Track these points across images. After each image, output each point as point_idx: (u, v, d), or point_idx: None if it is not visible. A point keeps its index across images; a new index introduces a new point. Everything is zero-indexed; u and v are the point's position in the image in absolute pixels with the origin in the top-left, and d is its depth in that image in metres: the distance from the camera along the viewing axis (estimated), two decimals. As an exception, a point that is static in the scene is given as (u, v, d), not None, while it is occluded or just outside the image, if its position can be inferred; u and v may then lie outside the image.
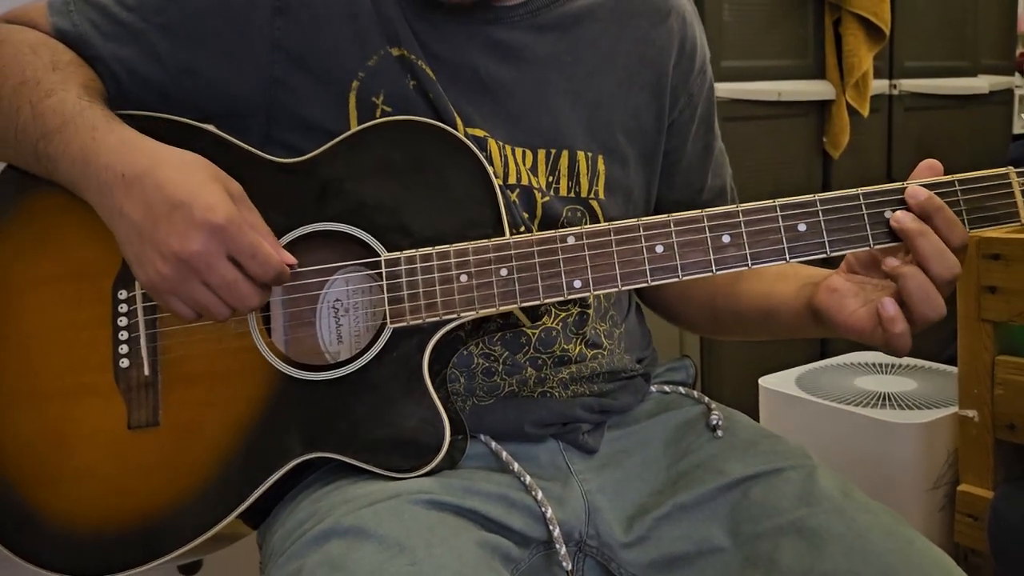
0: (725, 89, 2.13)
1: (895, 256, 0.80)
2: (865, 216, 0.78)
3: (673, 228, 0.79)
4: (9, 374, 0.89)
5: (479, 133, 0.90)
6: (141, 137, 0.82)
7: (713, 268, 0.79)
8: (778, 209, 0.79)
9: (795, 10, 2.35)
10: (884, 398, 1.79)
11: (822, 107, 2.42)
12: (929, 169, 0.79)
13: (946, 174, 0.79)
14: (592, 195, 0.94)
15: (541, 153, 0.92)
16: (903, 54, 2.63)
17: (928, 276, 0.77)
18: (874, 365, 1.99)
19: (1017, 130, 3.30)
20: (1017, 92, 3.31)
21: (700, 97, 1.03)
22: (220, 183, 0.80)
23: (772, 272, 0.96)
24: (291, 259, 0.82)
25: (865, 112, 2.42)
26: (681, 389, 1.05)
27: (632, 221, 0.80)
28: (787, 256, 0.79)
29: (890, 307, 0.78)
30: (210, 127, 0.91)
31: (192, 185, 0.78)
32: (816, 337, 0.92)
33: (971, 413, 1.53)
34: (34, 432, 0.88)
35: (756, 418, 1.83)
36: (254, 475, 0.84)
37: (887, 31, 2.37)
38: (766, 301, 0.94)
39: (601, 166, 0.95)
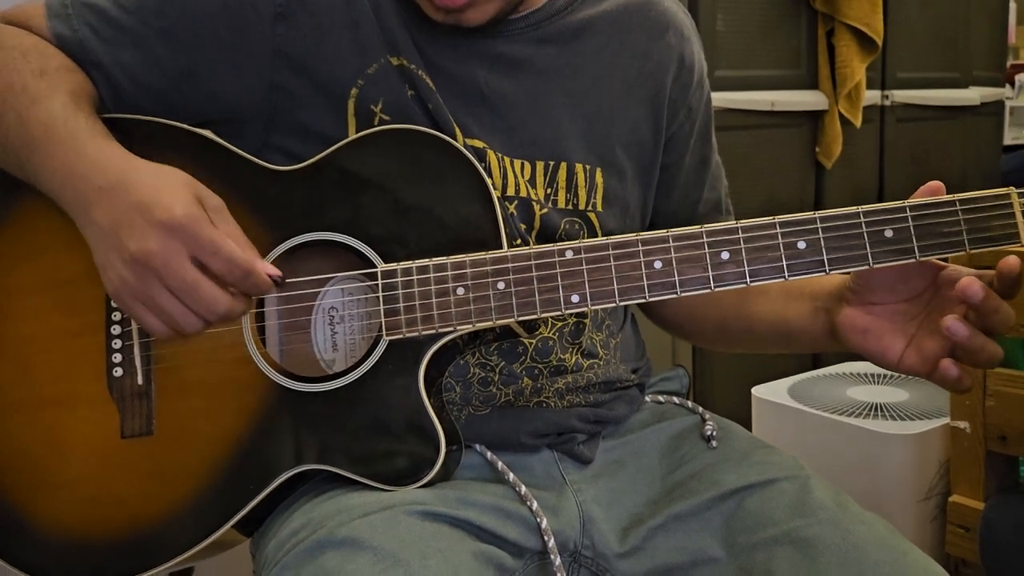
0: (718, 99, 2.12)
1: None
2: (865, 235, 0.77)
3: (672, 244, 0.79)
4: (2, 381, 0.88)
5: (478, 144, 0.90)
6: (121, 151, 0.82)
7: (712, 285, 0.79)
8: (778, 226, 0.78)
9: (788, 21, 2.36)
10: (876, 408, 1.79)
11: (815, 117, 2.43)
12: (930, 192, 0.78)
13: (937, 184, 0.79)
14: (590, 208, 0.94)
15: (540, 165, 0.92)
16: (895, 65, 2.64)
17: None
18: (866, 375, 2.00)
19: (1007, 141, 3.31)
20: (1008, 104, 3.33)
21: (698, 111, 1.03)
22: (191, 190, 0.78)
23: (779, 290, 0.96)
24: (274, 271, 0.80)
25: (858, 123, 2.43)
26: (675, 399, 1.06)
27: (631, 236, 0.80)
28: (786, 274, 0.78)
29: (954, 369, 0.78)
30: (207, 132, 0.90)
31: (157, 188, 0.77)
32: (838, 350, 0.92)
33: (963, 424, 1.54)
34: (27, 440, 0.87)
35: (748, 427, 1.84)
36: (248, 486, 0.83)
37: (880, 42, 2.38)
38: (783, 326, 0.94)
39: (599, 179, 0.95)
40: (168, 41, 0.88)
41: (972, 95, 2.91)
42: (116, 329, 0.87)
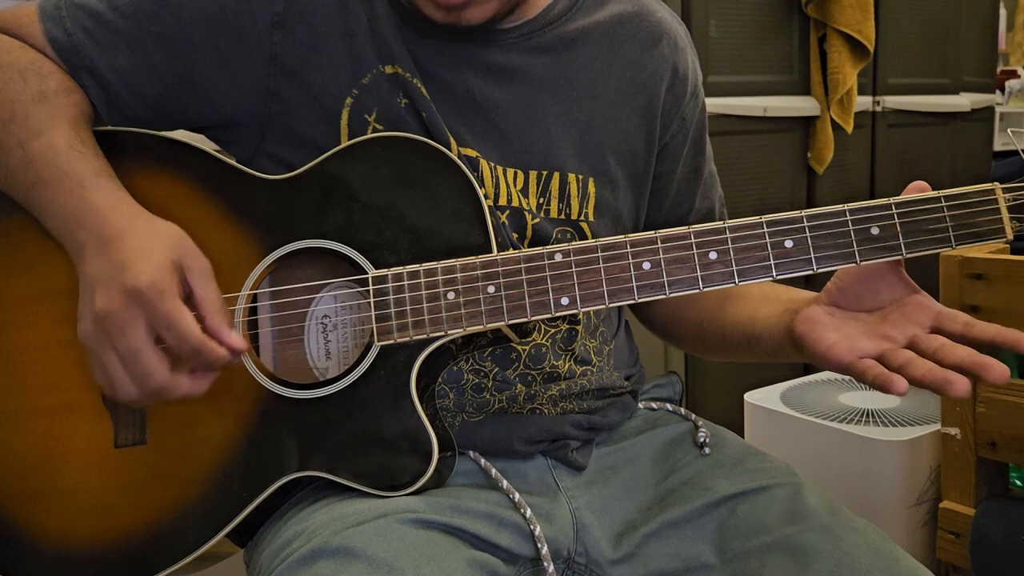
0: (711, 104, 2.14)
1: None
2: (852, 232, 0.78)
3: (660, 245, 0.79)
4: None
5: (471, 153, 0.90)
6: (123, 200, 0.82)
7: (700, 285, 0.79)
8: (764, 226, 0.79)
9: (781, 27, 2.37)
10: (867, 414, 1.80)
11: (807, 123, 2.44)
12: (916, 191, 0.79)
13: (923, 184, 0.79)
14: (582, 217, 0.94)
15: (532, 174, 0.92)
16: (887, 71, 2.65)
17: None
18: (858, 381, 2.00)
19: (998, 147, 3.33)
20: (998, 110, 3.34)
21: (692, 121, 1.03)
22: (172, 254, 0.78)
23: (758, 294, 0.97)
24: (240, 344, 0.80)
25: (849, 128, 2.44)
26: (668, 406, 1.06)
27: (620, 238, 0.80)
28: (774, 272, 0.78)
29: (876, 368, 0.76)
30: (200, 145, 0.90)
31: (142, 251, 0.77)
32: (797, 361, 0.92)
33: (953, 431, 1.54)
34: (21, 450, 0.87)
35: (741, 433, 1.84)
36: (242, 494, 0.83)
37: (871, 48, 2.39)
38: (750, 326, 0.94)
39: (591, 188, 0.95)
40: (164, 46, 0.88)
41: (963, 101, 2.92)
42: (108, 338, 0.87)
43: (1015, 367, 1.53)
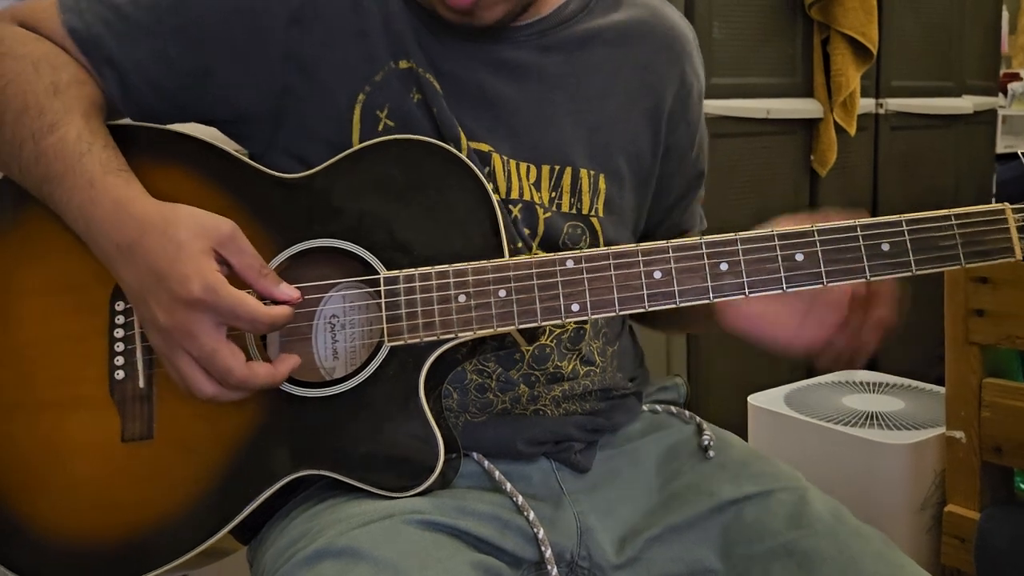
0: (714, 106, 2.15)
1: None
2: (862, 248, 0.78)
3: (671, 254, 0.80)
4: (4, 384, 0.88)
5: (483, 147, 0.90)
6: (133, 197, 0.81)
7: (711, 295, 0.79)
8: (776, 239, 0.79)
9: (784, 29, 2.37)
10: (872, 417, 1.80)
11: (810, 125, 2.44)
12: None
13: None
14: (593, 212, 0.95)
15: (545, 169, 0.93)
16: (890, 74, 2.66)
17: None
18: (862, 384, 2.00)
19: (1000, 150, 3.33)
20: (1001, 113, 3.34)
21: (697, 124, 1.04)
22: (200, 243, 0.79)
23: None
24: (294, 293, 0.81)
25: (852, 131, 2.44)
26: (672, 409, 1.06)
27: (631, 246, 0.81)
28: (784, 285, 0.79)
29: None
30: (215, 142, 0.90)
31: (171, 254, 0.78)
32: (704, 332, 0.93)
33: (958, 435, 1.54)
34: (27, 443, 0.87)
35: (744, 436, 1.84)
36: (247, 490, 0.83)
37: (874, 51, 2.39)
38: None
39: (602, 184, 0.95)
40: (181, 40, 0.88)
41: (965, 104, 2.92)
42: (119, 332, 0.87)
43: (1020, 371, 1.54)
